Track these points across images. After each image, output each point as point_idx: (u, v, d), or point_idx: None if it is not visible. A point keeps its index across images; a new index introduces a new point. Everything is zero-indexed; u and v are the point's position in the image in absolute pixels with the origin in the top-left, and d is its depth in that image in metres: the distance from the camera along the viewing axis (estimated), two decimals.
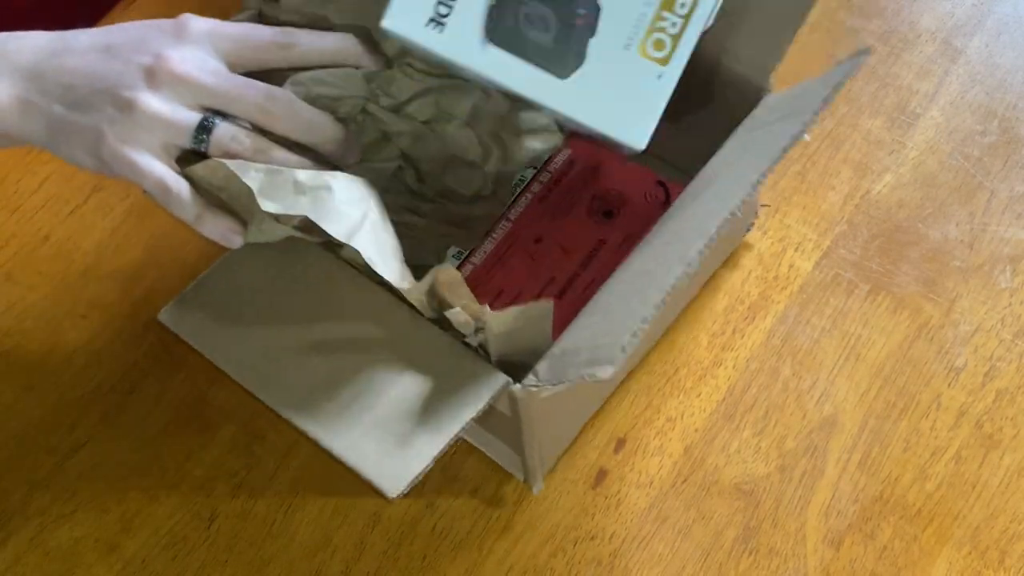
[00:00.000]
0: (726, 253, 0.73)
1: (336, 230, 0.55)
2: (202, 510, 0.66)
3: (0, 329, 0.72)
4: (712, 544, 0.64)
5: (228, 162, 0.56)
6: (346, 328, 0.57)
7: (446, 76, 0.66)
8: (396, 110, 0.66)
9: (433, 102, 0.66)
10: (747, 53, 0.64)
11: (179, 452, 0.68)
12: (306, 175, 0.57)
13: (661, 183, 0.71)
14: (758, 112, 0.62)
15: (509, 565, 0.64)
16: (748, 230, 0.73)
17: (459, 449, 0.67)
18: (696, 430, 0.67)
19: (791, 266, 0.72)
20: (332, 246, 0.61)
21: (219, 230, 0.57)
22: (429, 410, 0.53)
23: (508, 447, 0.64)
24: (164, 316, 0.58)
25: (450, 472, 0.67)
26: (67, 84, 0.56)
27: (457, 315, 0.54)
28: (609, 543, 0.65)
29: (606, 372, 0.47)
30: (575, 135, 0.67)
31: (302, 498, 0.67)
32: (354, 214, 0.56)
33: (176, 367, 0.70)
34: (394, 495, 0.50)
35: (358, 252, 0.55)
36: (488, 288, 0.68)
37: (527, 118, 0.67)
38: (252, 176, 0.56)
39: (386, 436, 0.52)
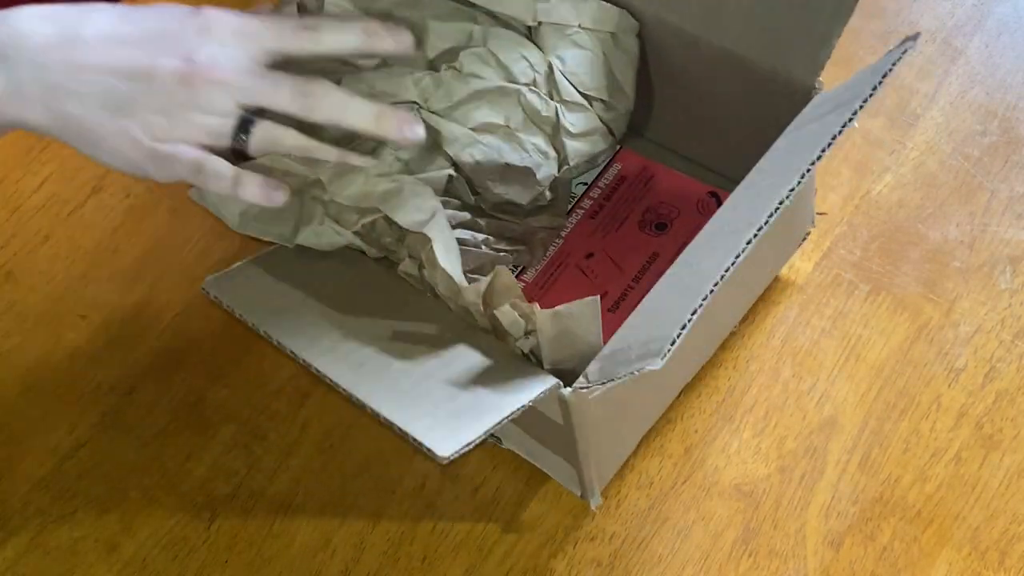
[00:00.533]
0: (779, 269, 0.71)
1: (406, 221, 0.54)
2: (202, 510, 0.66)
3: (0, 329, 0.72)
4: (712, 545, 0.64)
5: (292, 159, 0.56)
6: (400, 324, 0.57)
7: (494, 80, 0.66)
8: (445, 114, 0.66)
9: (482, 109, 0.66)
10: (792, 56, 0.63)
11: (179, 452, 0.68)
12: (376, 173, 0.57)
13: (713, 193, 0.70)
14: (807, 109, 0.61)
15: (509, 566, 0.64)
16: (803, 240, 0.72)
17: None
18: (696, 431, 0.67)
19: (791, 266, 0.72)
20: (389, 262, 0.61)
21: (260, 189, 0.55)
22: (479, 396, 0.52)
23: (565, 461, 0.63)
24: (208, 285, 0.57)
25: (451, 472, 0.67)
26: (84, 81, 0.53)
27: (507, 313, 0.54)
28: (609, 544, 0.65)
29: (655, 365, 0.47)
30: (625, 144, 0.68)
31: (302, 498, 0.67)
32: (424, 209, 0.56)
33: (176, 367, 0.70)
34: (446, 454, 0.48)
35: (428, 240, 0.54)
36: (541, 305, 0.66)
37: (575, 122, 0.67)
38: (321, 169, 0.55)
39: (436, 410, 0.51)
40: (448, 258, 0.56)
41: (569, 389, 0.53)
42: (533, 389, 0.52)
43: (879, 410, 0.68)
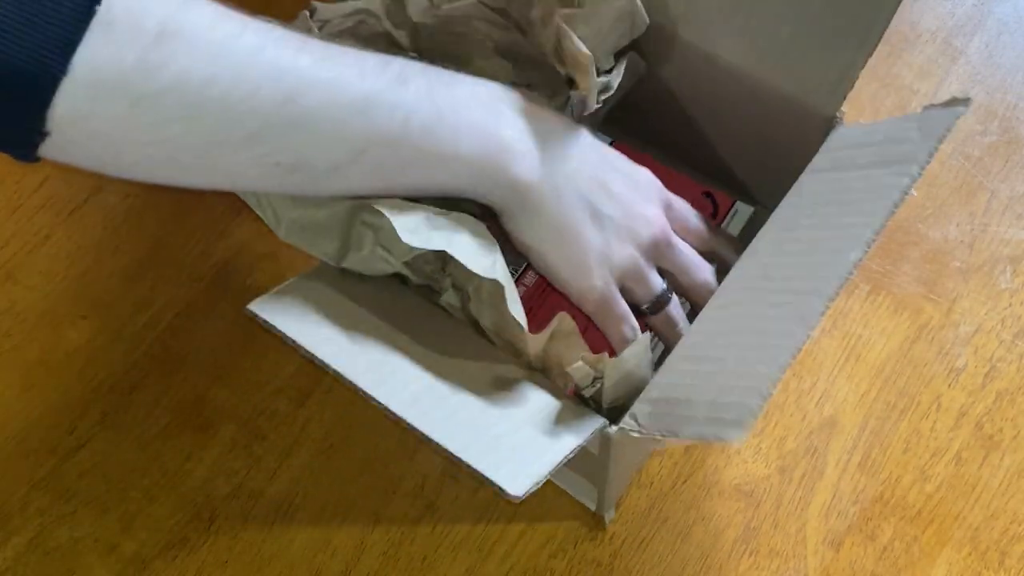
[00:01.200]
0: None
1: (477, 267, 0.54)
2: (202, 510, 0.66)
3: (0, 329, 0.72)
4: (712, 545, 0.64)
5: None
6: (449, 357, 0.56)
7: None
8: None
9: None
10: (812, 84, 0.62)
11: (179, 452, 0.68)
12: (436, 213, 0.56)
13: (708, 194, 0.70)
14: (838, 146, 0.59)
15: (509, 566, 0.64)
16: None
17: None
18: None
19: None
20: (432, 291, 0.60)
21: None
22: (534, 433, 0.52)
23: (584, 479, 0.63)
24: (255, 307, 0.55)
25: (450, 472, 0.67)
26: (598, 196, 0.58)
27: (579, 370, 0.54)
28: (609, 544, 0.65)
29: (735, 435, 0.46)
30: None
31: (302, 498, 0.67)
32: (489, 253, 0.56)
33: (176, 367, 0.70)
34: (519, 494, 0.48)
35: (499, 285, 0.54)
36: (542, 312, 0.65)
37: None
38: (387, 203, 0.55)
39: (497, 446, 0.51)
40: (515, 304, 0.56)
41: (615, 428, 0.52)
42: (586, 428, 0.52)
43: (879, 410, 0.68)
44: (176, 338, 0.72)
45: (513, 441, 0.52)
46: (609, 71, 0.65)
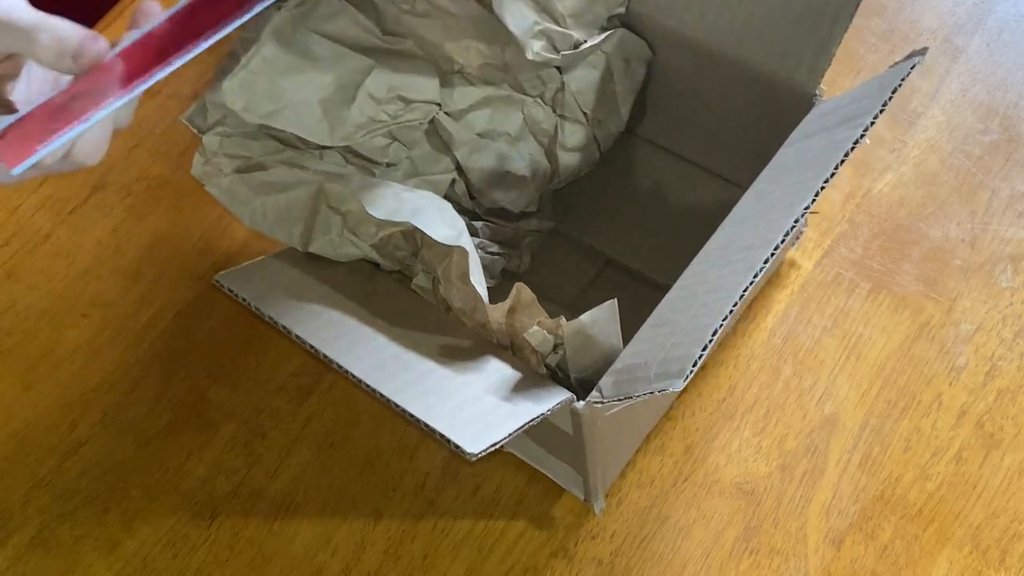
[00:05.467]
0: (775, 267, 0.71)
1: (440, 236, 0.55)
2: (203, 509, 0.66)
3: (0, 329, 0.72)
4: (713, 544, 0.64)
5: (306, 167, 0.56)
6: (417, 331, 0.56)
7: (503, 87, 0.66)
8: (457, 118, 0.66)
9: (487, 116, 0.67)
10: (792, 62, 0.63)
11: (180, 451, 0.68)
12: (404, 190, 0.57)
13: None
14: (812, 118, 0.60)
15: (510, 564, 0.64)
16: (796, 239, 0.72)
17: None
18: (697, 429, 0.67)
19: (792, 265, 0.72)
20: (404, 277, 0.61)
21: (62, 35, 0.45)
22: (498, 403, 0.52)
23: (570, 467, 0.63)
24: (222, 278, 0.56)
25: (451, 471, 0.67)
26: None
27: (536, 334, 0.54)
28: (610, 542, 0.65)
29: (676, 385, 0.47)
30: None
31: (303, 497, 0.67)
32: (454, 226, 0.57)
33: (176, 366, 0.70)
34: (475, 451, 0.47)
35: (447, 256, 0.55)
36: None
37: (571, 136, 0.68)
38: (354, 181, 0.55)
39: (460, 412, 0.51)
40: (477, 275, 0.56)
41: (582, 403, 0.53)
42: (550, 399, 0.52)
43: (880, 408, 0.68)
44: (176, 337, 0.71)
45: (476, 408, 0.52)
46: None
